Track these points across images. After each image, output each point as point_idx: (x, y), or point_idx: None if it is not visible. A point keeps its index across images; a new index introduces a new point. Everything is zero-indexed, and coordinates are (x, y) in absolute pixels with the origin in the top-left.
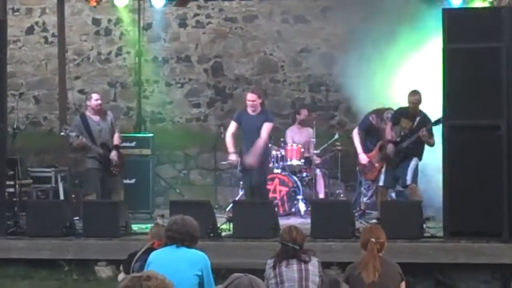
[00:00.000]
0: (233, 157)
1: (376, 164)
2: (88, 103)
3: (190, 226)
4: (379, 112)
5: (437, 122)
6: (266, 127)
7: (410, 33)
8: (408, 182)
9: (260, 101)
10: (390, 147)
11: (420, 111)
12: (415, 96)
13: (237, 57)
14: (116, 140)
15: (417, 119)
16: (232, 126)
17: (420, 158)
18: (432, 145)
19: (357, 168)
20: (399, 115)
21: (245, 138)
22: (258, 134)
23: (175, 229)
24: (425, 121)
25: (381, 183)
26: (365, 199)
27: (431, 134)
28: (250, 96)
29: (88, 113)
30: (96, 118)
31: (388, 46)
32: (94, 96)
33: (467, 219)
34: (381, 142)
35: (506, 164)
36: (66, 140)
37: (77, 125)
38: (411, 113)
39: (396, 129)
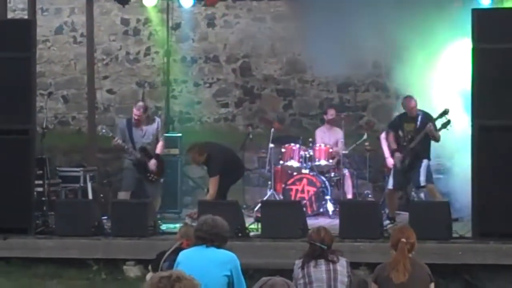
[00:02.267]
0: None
1: None
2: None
3: (220, 227)
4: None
5: (442, 115)
6: None
7: (442, 32)
8: (422, 183)
9: None
10: (398, 156)
11: (418, 110)
12: (410, 101)
13: (265, 57)
14: (159, 149)
15: (419, 118)
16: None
17: (429, 159)
18: (438, 140)
19: (385, 171)
20: (399, 121)
21: None
22: None
23: (205, 230)
24: (428, 117)
25: (390, 186)
26: None
27: (435, 129)
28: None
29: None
30: (138, 124)
31: (419, 44)
32: (136, 107)
33: (495, 220)
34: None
35: None
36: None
37: (121, 128)
38: (410, 115)
39: (401, 134)
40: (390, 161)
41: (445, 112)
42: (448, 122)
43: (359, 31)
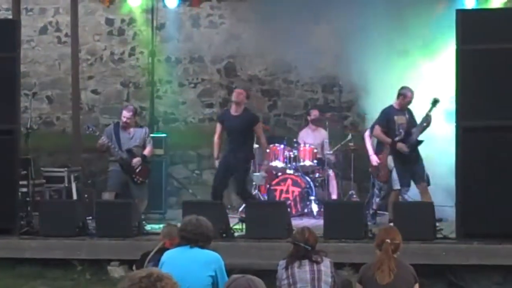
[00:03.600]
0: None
1: (387, 166)
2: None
3: (204, 227)
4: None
5: (435, 103)
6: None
7: (425, 35)
8: (427, 178)
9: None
10: (401, 146)
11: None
12: (410, 92)
13: (250, 58)
14: (146, 151)
15: (406, 111)
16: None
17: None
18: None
19: (370, 170)
20: (389, 115)
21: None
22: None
23: (189, 230)
24: (411, 112)
25: (397, 186)
26: (377, 199)
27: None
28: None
29: (121, 123)
30: (126, 127)
31: (402, 46)
32: (126, 109)
33: (480, 221)
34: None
35: None
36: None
37: (108, 131)
38: (400, 109)
39: (392, 127)
40: (374, 159)
41: (436, 101)
42: (437, 100)
43: (345, 32)
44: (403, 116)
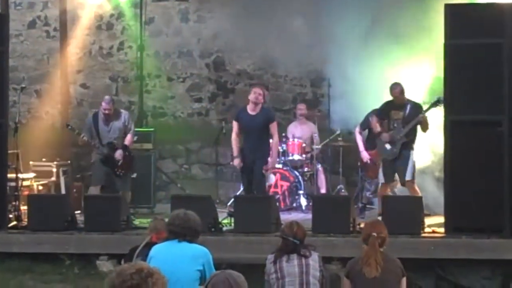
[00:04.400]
0: (236, 162)
1: (377, 162)
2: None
3: (192, 221)
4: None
5: (436, 103)
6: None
7: (413, 29)
8: (408, 177)
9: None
10: (385, 136)
11: (408, 99)
12: (396, 88)
13: (238, 52)
14: (127, 140)
15: (408, 107)
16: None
17: (413, 149)
18: (426, 129)
19: (359, 165)
20: (387, 108)
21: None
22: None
23: (177, 224)
24: (418, 107)
25: (382, 181)
26: (368, 193)
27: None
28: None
29: (100, 113)
30: (107, 118)
31: (390, 41)
32: (104, 101)
33: (468, 215)
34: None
35: (508, 160)
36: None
37: (87, 123)
38: (398, 103)
39: (386, 122)
40: (365, 155)
41: (438, 101)
42: (438, 100)
43: (333, 25)
44: (400, 112)
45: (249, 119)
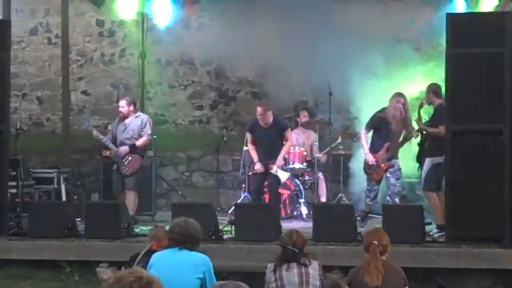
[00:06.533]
0: (258, 166)
1: (382, 165)
2: None
3: (192, 229)
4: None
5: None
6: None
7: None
8: (423, 187)
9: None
10: (368, 158)
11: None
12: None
13: (240, 60)
14: (138, 141)
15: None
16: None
17: (431, 156)
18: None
19: (363, 168)
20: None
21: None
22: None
23: (177, 232)
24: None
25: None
26: (368, 200)
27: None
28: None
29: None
30: (123, 118)
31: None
32: (119, 101)
33: (468, 224)
34: (388, 144)
35: (509, 169)
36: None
37: (114, 123)
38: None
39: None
40: (370, 158)
41: (421, 106)
42: (421, 105)
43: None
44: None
45: (263, 132)
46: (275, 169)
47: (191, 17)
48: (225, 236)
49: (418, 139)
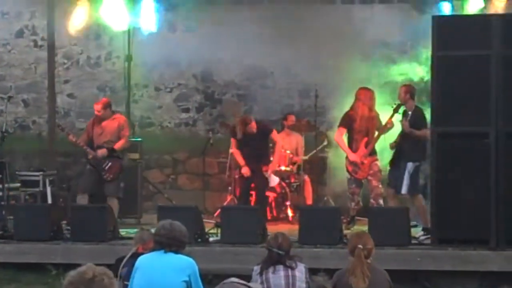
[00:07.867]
0: (245, 170)
1: (365, 161)
2: None
3: (178, 232)
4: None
5: (397, 110)
6: None
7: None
8: (404, 191)
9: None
10: (352, 156)
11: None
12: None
13: (226, 62)
14: (117, 144)
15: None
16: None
17: (413, 161)
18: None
19: (346, 170)
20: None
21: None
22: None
23: (163, 234)
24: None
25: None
26: (352, 204)
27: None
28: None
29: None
30: (99, 120)
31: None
32: (94, 105)
33: (454, 227)
34: (366, 139)
35: (494, 172)
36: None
37: (89, 124)
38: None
39: None
40: (353, 156)
41: (398, 106)
42: (399, 105)
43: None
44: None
45: (247, 138)
46: (269, 173)
47: (177, 20)
48: (211, 239)
49: (392, 140)
